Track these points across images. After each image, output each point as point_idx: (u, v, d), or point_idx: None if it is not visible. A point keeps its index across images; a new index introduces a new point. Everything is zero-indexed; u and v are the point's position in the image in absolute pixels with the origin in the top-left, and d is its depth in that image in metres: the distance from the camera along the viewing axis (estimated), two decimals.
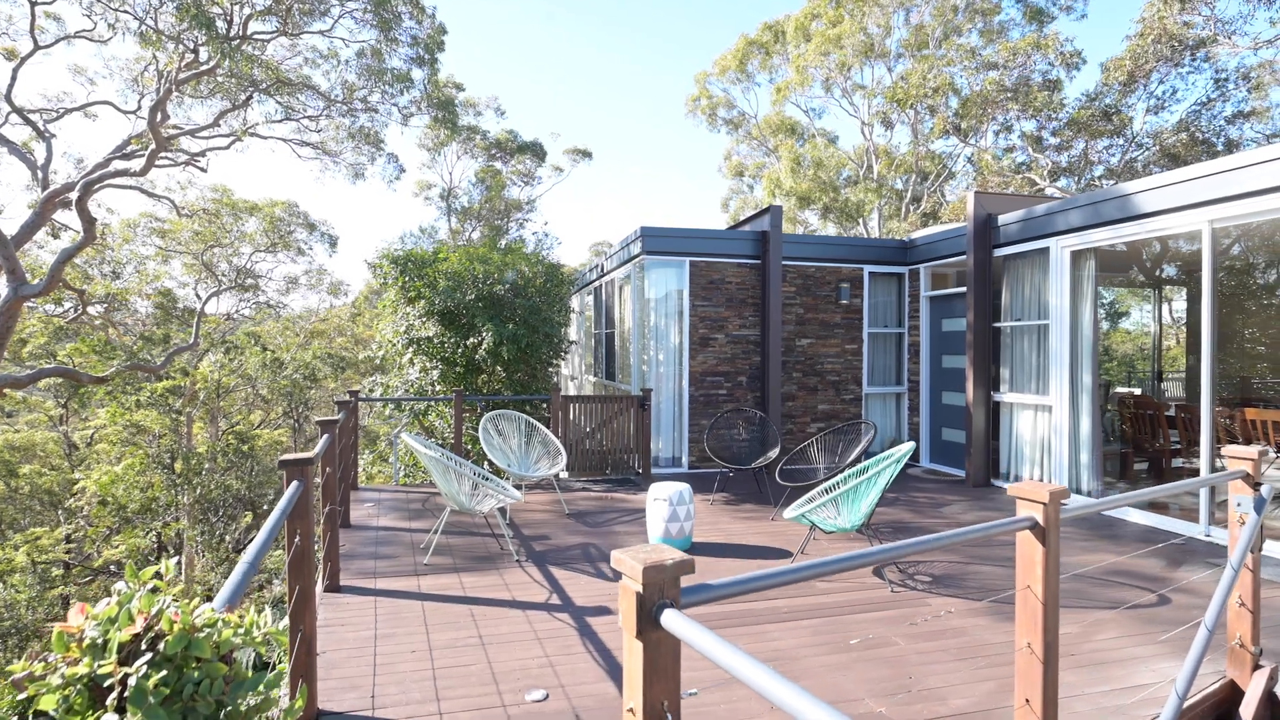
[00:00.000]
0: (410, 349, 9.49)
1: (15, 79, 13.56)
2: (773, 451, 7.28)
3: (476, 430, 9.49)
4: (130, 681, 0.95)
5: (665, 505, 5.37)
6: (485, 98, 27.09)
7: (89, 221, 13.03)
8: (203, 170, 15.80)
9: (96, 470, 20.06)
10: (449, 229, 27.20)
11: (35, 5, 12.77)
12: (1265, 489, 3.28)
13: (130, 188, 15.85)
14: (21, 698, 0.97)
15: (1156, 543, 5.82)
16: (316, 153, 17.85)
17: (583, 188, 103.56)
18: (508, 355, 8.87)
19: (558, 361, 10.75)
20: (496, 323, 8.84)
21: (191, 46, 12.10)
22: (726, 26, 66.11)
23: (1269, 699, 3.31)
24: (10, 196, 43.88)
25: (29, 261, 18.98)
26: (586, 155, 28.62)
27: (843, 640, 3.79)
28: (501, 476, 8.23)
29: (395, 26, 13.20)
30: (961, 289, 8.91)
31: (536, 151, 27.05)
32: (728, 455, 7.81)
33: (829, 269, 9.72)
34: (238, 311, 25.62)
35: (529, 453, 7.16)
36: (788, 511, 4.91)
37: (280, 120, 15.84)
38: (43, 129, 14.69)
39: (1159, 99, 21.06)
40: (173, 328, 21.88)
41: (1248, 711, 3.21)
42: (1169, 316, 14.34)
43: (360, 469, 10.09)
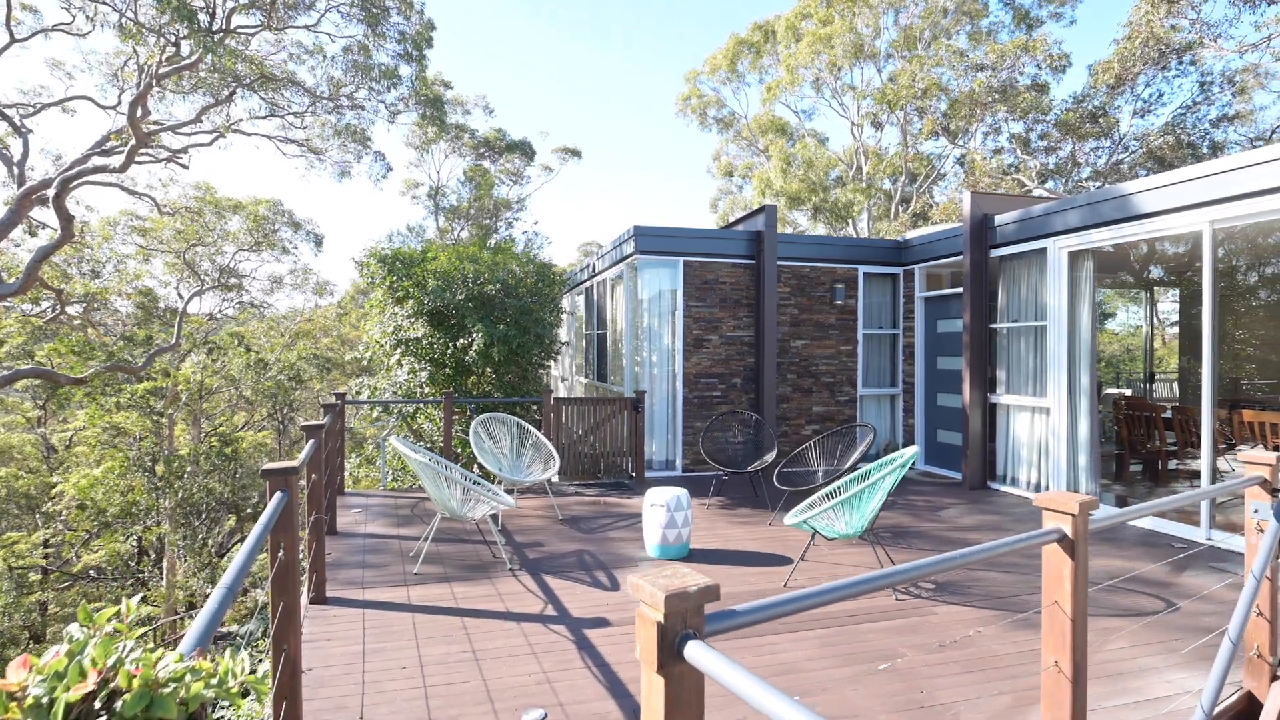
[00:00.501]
0: (398, 350, 9.29)
1: None
2: (769, 455, 7.17)
3: (466, 433, 9.32)
4: None
5: (662, 511, 5.24)
6: (473, 96, 26.88)
7: (66, 219, 12.70)
8: (184, 167, 15.49)
9: (75, 473, 19.62)
10: (436, 228, 26.93)
11: None
12: None
13: (110, 185, 15.51)
14: None
15: (1157, 546, 5.76)
16: (302, 150, 17.56)
17: (571, 187, 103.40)
18: (498, 356, 8.70)
19: (549, 363, 10.58)
20: (487, 323, 8.67)
21: (173, 40, 11.81)
22: (717, 26, 66.16)
23: None
24: None
25: (5, 260, 18.54)
26: (576, 154, 28.45)
27: (851, 651, 3.67)
28: (491, 480, 8.06)
29: (383, 21, 12.97)
30: (956, 290, 8.84)
31: (525, 150, 26.83)
32: (723, 458, 7.69)
33: (823, 269, 9.63)
34: (221, 311, 25.21)
35: (521, 457, 7.00)
36: (788, 518, 4.79)
37: (264, 117, 15.56)
38: (19, 124, 14.33)
39: (1146, 102, 21.23)
40: (154, 328, 21.46)
41: None
42: (1156, 318, 14.40)
43: (346, 472, 9.88)
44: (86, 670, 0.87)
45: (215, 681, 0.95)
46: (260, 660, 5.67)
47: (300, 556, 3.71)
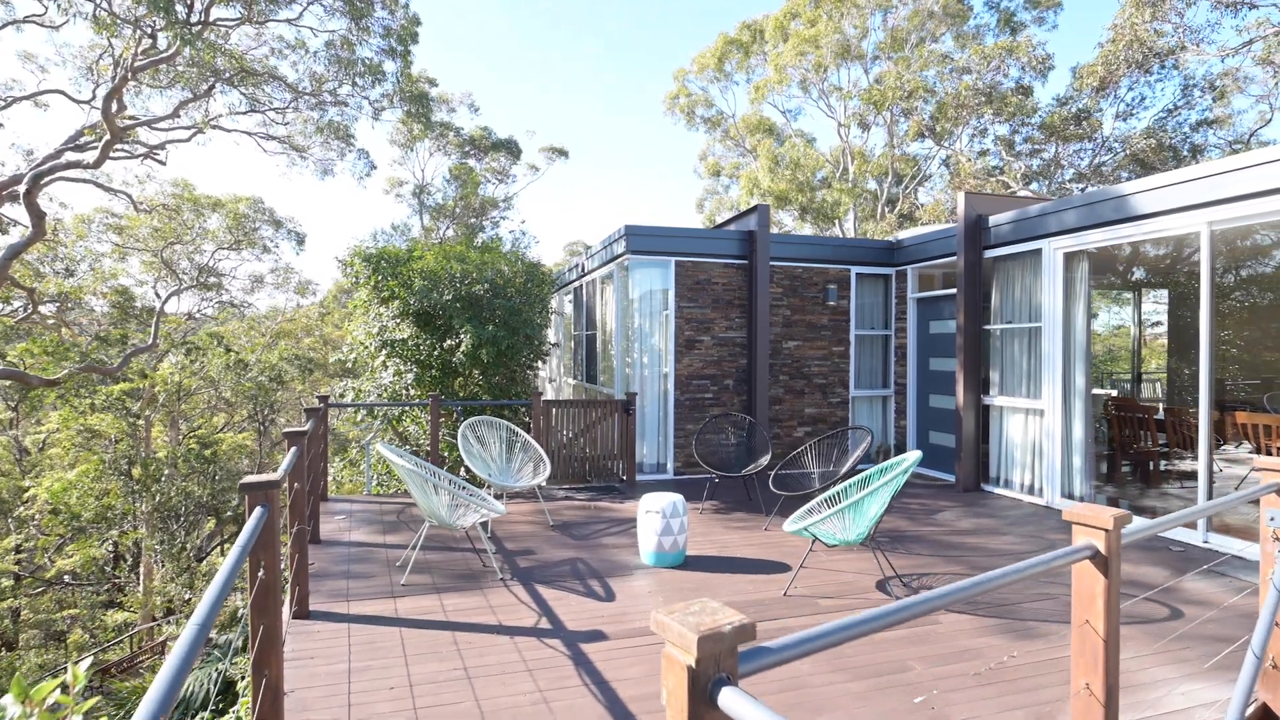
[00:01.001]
0: (384, 351, 9.08)
1: None
2: (763, 458, 7.05)
3: (453, 436, 9.12)
4: None
5: (658, 518, 5.10)
6: (459, 93, 26.57)
7: (38, 216, 12.32)
8: (161, 163, 15.11)
9: (48, 477, 19.13)
10: (421, 227, 26.60)
11: None
12: None
13: (84, 181, 15.10)
14: None
15: (1154, 549, 5.71)
16: (283, 147, 17.22)
17: (558, 187, 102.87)
18: (487, 358, 8.52)
19: (538, 364, 10.41)
20: (475, 324, 8.48)
21: (149, 32, 11.48)
22: (706, 26, 66.14)
23: None
24: None
25: None
26: (562, 154, 28.23)
27: (858, 664, 3.55)
28: (476, 484, 7.88)
29: (367, 15, 12.72)
30: (949, 290, 8.79)
31: (511, 149, 26.58)
32: (715, 461, 7.56)
33: (816, 270, 9.54)
34: (200, 311, 24.71)
35: (511, 461, 6.82)
36: (788, 524, 4.67)
37: (245, 112, 15.22)
38: None
39: (1128, 105, 21.43)
40: (130, 327, 20.96)
41: None
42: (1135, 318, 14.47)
43: (330, 477, 9.64)
44: None
45: None
46: (242, 677, 5.47)
47: (282, 568, 3.54)
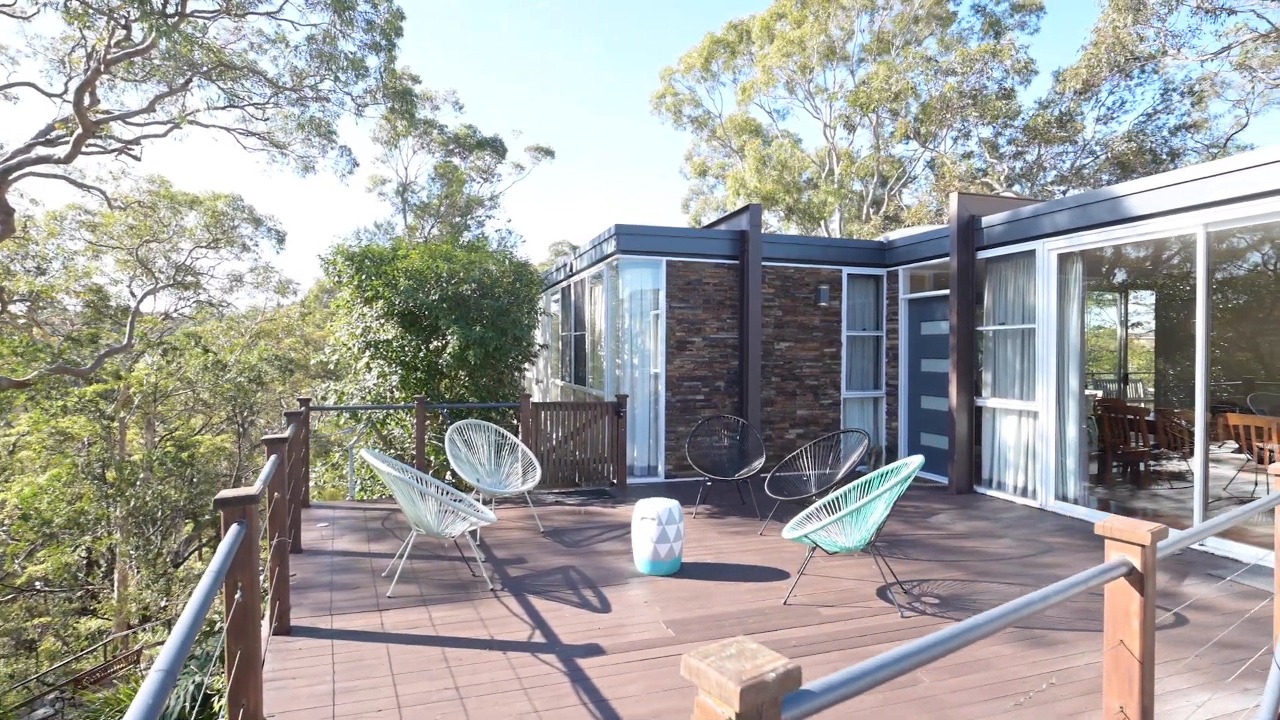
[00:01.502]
0: (367, 353, 8.85)
1: None
2: (757, 461, 6.93)
3: (439, 439, 8.91)
4: None
5: (653, 525, 4.95)
6: (443, 91, 26.25)
7: (7, 212, 11.92)
8: (136, 159, 14.71)
9: (18, 482, 18.58)
10: (405, 225, 26.25)
11: None
12: None
13: (56, 176, 14.66)
14: None
15: None
16: (263, 143, 16.85)
17: (543, 187, 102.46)
18: (475, 360, 8.33)
19: (526, 366, 10.22)
20: (462, 325, 8.29)
21: (123, 23, 11.14)
22: (692, 26, 66.15)
23: None
24: None
25: None
26: (548, 154, 28.00)
27: None
28: (463, 489, 7.69)
29: (350, 8, 12.44)
30: (940, 291, 8.74)
31: (496, 148, 26.30)
32: (708, 464, 7.43)
33: (808, 270, 9.45)
34: (177, 311, 24.16)
35: (500, 466, 6.64)
36: (787, 531, 4.55)
37: (223, 107, 14.85)
38: None
39: (1109, 109, 21.65)
40: (104, 327, 20.44)
41: None
42: (1117, 319, 14.56)
43: (311, 482, 9.39)
44: None
45: None
46: (220, 694, 5.25)
47: (262, 580, 3.35)
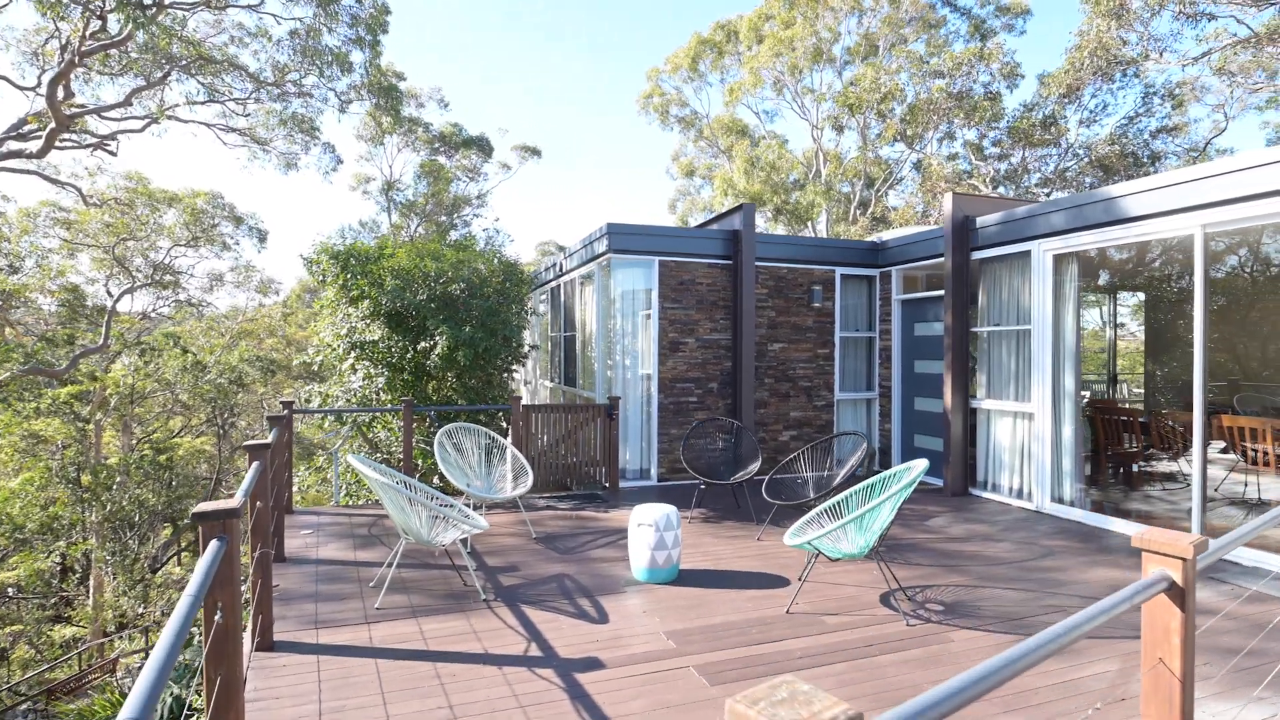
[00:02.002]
0: (353, 354, 8.64)
1: None
2: (753, 465, 6.82)
3: (427, 443, 8.72)
4: None
5: (651, 531, 4.82)
6: (428, 89, 26.02)
7: None
8: (112, 154, 14.35)
9: None
10: (390, 224, 25.91)
11: None
12: None
13: (28, 171, 14.26)
14: None
15: None
16: (244, 140, 16.52)
17: (530, 186, 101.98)
18: (464, 361, 8.15)
19: (515, 367, 10.05)
20: (451, 325, 8.11)
21: (99, 14, 10.83)
22: (679, 26, 66.08)
23: None
24: None
25: None
26: (535, 153, 27.80)
27: (872, 690, 3.32)
28: (451, 493, 7.51)
29: (334, 2, 12.19)
30: (934, 292, 8.69)
31: (483, 146, 26.06)
32: (702, 467, 7.31)
33: (801, 270, 9.37)
34: (155, 310, 23.67)
35: (491, 471, 6.48)
36: (788, 537, 4.44)
37: (203, 102, 14.52)
38: None
39: (1092, 112, 21.85)
40: (80, 327, 19.95)
41: None
42: (1101, 320, 14.65)
43: (295, 487, 9.15)
44: None
45: None
46: (200, 713, 5.03)
47: (244, 591, 3.18)
